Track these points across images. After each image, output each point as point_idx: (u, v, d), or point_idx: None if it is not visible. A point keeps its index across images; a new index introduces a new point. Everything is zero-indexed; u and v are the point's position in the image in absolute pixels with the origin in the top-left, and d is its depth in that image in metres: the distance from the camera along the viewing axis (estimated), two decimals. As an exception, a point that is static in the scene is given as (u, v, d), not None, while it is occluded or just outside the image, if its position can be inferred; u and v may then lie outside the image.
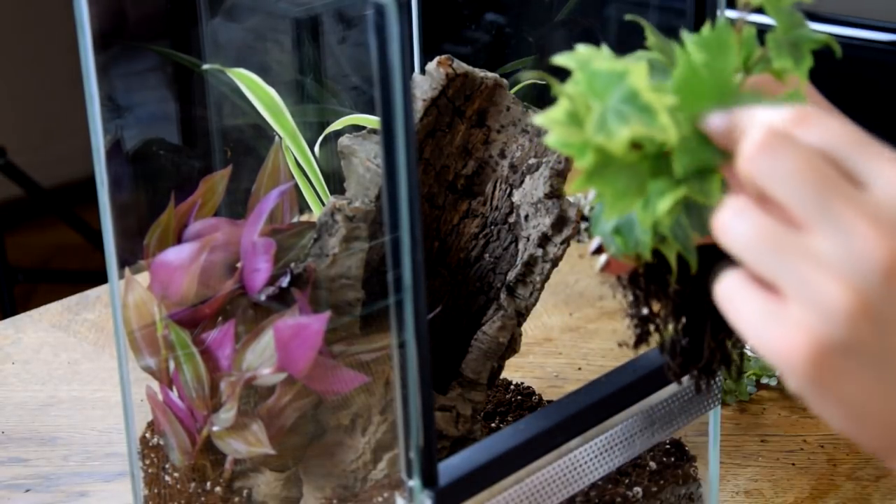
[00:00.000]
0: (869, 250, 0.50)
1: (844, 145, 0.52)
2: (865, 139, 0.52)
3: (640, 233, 0.59)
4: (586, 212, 1.22)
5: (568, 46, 0.57)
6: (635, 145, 0.55)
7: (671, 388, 0.75)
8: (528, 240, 0.84)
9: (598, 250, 0.64)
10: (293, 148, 0.93)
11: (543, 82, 0.58)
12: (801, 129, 0.52)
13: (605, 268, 0.65)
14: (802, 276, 0.51)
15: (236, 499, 0.83)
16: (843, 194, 0.51)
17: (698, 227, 0.58)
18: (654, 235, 0.59)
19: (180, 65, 1.32)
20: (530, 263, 0.83)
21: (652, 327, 0.65)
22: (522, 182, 0.85)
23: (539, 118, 0.55)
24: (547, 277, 0.84)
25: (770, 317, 0.52)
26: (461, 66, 0.85)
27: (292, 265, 0.79)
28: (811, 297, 0.50)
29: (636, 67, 0.55)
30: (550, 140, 0.55)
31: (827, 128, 0.52)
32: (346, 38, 1.29)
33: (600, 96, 0.55)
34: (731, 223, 0.53)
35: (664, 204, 0.56)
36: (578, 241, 1.29)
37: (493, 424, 0.93)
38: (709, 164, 0.56)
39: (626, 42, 0.63)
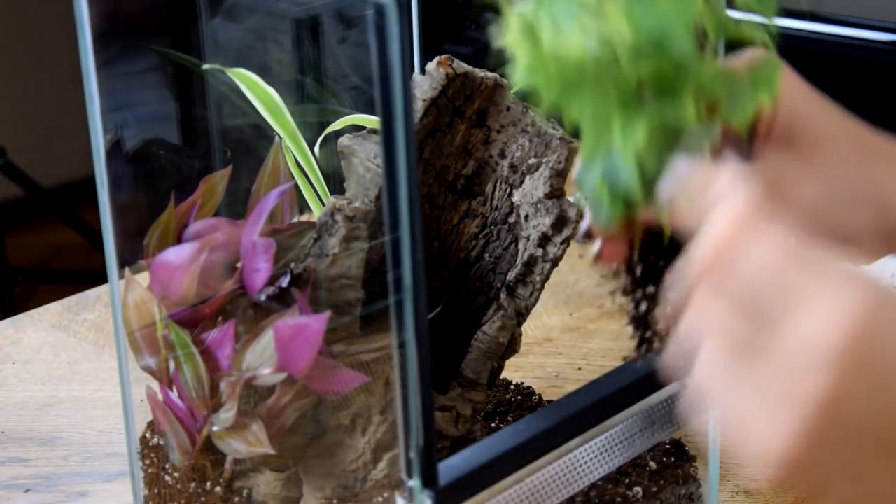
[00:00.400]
0: (799, 399, 0.51)
1: (776, 272, 0.52)
2: (806, 256, 0.52)
3: (626, 173, 0.58)
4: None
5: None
6: (599, 80, 0.56)
7: (671, 388, 0.75)
8: (528, 240, 0.84)
9: (588, 235, 0.63)
10: (293, 148, 0.93)
11: None
12: (741, 243, 0.53)
13: (599, 257, 0.64)
14: (754, 402, 0.52)
15: (236, 499, 0.83)
16: (756, 359, 0.52)
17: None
18: (643, 182, 0.58)
19: (180, 65, 1.32)
20: (530, 263, 0.83)
21: (650, 333, 0.64)
22: (522, 182, 0.85)
23: (498, 38, 0.57)
24: (547, 277, 0.84)
25: (746, 420, 0.53)
26: (461, 66, 0.85)
27: (292, 265, 0.79)
28: (767, 419, 0.52)
29: None
30: (516, 75, 0.57)
31: (767, 246, 0.52)
32: (346, 38, 1.29)
33: (550, 9, 0.57)
34: (696, 323, 0.55)
35: (643, 131, 0.57)
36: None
37: (493, 424, 0.93)
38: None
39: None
